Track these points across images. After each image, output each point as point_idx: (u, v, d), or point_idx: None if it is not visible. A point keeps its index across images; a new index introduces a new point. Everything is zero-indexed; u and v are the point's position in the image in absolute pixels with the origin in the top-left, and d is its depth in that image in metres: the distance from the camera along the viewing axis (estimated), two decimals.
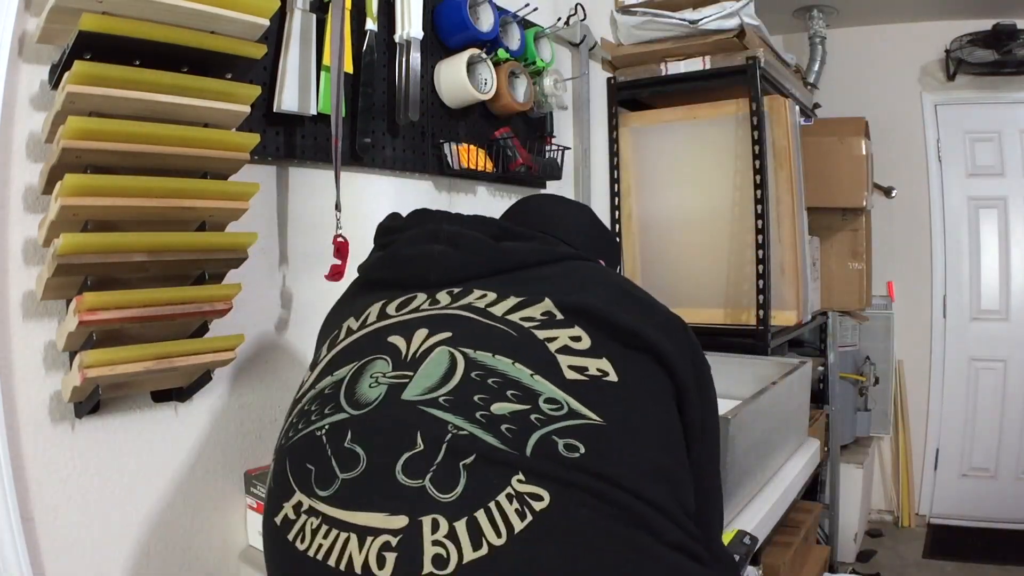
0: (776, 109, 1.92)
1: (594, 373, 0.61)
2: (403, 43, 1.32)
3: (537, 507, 0.53)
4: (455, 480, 0.54)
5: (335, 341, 0.72)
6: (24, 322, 0.89)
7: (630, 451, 0.58)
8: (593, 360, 0.62)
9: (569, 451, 0.56)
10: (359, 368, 0.65)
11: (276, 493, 0.63)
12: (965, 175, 3.11)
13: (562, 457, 0.55)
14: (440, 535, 0.52)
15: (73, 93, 0.79)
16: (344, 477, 0.57)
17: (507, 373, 0.60)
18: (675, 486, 0.61)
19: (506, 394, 0.58)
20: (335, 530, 0.56)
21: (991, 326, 3.10)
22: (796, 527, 1.88)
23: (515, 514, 0.53)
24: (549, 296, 0.66)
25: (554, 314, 0.65)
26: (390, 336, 0.66)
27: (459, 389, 0.59)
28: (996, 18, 2.77)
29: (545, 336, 0.63)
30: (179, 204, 0.89)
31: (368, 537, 0.54)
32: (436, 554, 0.51)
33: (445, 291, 0.70)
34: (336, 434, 0.60)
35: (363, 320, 0.71)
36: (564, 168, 1.80)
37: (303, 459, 0.61)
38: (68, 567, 0.92)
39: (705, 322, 2.01)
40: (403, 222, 0.83)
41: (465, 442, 0.56)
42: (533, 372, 0.60)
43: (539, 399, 0.58)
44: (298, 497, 0.59)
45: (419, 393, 0.59)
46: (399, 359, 0.63)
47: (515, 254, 0.73)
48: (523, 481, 0.54)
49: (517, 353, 0.61)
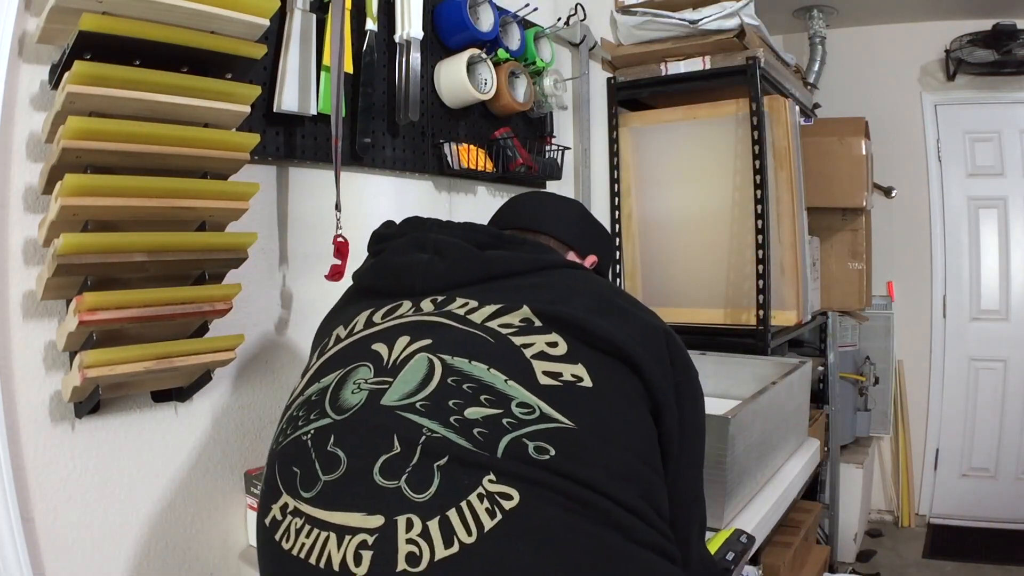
0: (776, 109, 1.92)
1: (568, 379, 0.62)
2: (403, 43, 1.32)
3: (507, 506, 0.54)
4: (429, 481, 0.56)
5: (325, 349, 0.74)
6: (24, 322, 0.89)
7: (601, 454, 0.60)
8: (568, 366, 0.63)
9: (539, 453, 0.57)
10: (344, 375, 0.67)
11: (266, 495, 0.65)
12: (965, 175, 3.11)
13: (532, 459, 0.57)
14: (414, 534, 0.53)
15: (73, 93, 0.79)
16: (326, 479, 0.59)
17: (481, 378, 0.62)
18: (647, 488, 0.62)
19: (480, 399, 0.60)
20: (316, 529, 0.57)
21: (991, 326, 3.10)
22: (796, 527, 1.88)
23: (485, 513, 0.54)
24: (528, 304, 0.68)
25: (532, 321, 0.67)
26: (374, 344, 0.68)
27: (435, 394, 0.61)
28: (996, 18, 2.77)
29: (522, 342, 0.65)
30: (179, 204, 0.89)
31: (346, 536, 0.55)
32: (409, 552, 0.53)
33: (429, 299, 0.72)
34: (320, 438, 0.62)
35: (351, 328, 0.73)
36: (564, 168, 1.80)
37: (290, 462, 0.63)
38: (68, 567, 0.92)
39: (705, 322, 2.00)
40: (395, 229, 0.84)
41: (439, 444, 0.57)
42: (507, 378, 0.62)
43: (512, 403, 0.60)
44: (285, 499, 0.62)
45: (397, 399, 0.61)
46: (381, 366, 0.65)
47: (499, 263, 0.74)
48: (493, 481, 0.55)
49: (493, 359, 0.63)
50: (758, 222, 1.88)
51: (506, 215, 0.99)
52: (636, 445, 0.63)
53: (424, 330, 0.67)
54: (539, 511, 0.55)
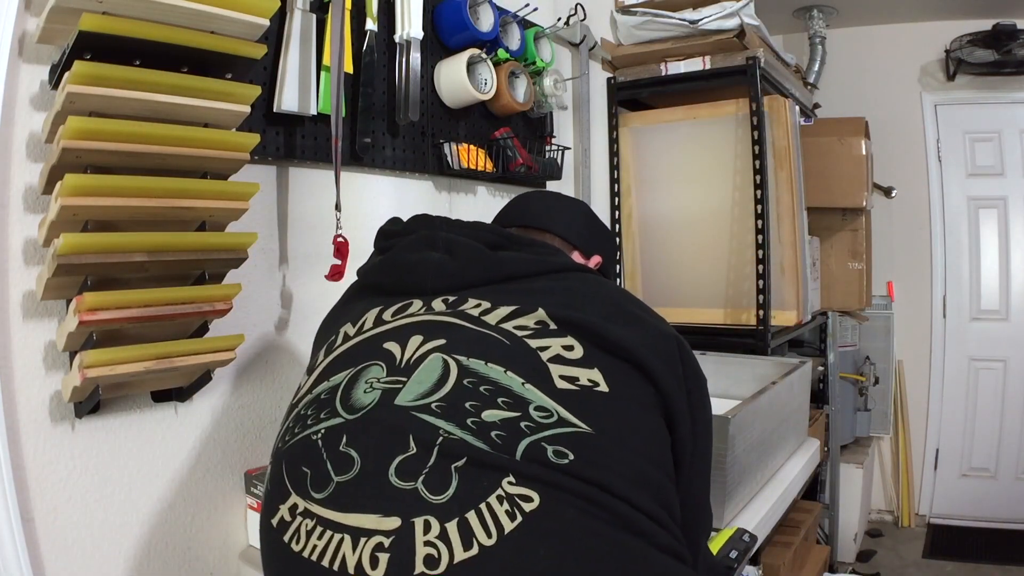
0: (776, 109, 1.92)
1: (585, 383, 0.62)
2: (403, 43, 1.32)
3: (527, 508, 0.54)
4: (447, 482, 0.55)
5: (332, 346, 0.73)
6: (24, 322, 0.89)
7: (618, 459, 0.59)
8: (585, 370, 0.63)
9: (558, 457, 0.56)
10: (355, 374, 0.66)
11: (272, 495, 0.64)
12: (965, 175, 3.11)
13: (551, 462, 0.56)
14: (432, 536, 0.53)
15: (73, 93, 0.79)
16: (339, 480, 0.58)
17: (499, 381, 0.61)
18: (662, 494, 0.62)
19: (497, 401, 0.59)
20: (329, 531, 0.56)
21: (991, 326, 3.10)
22: (796, 527, 1.88)
23: (505, 515, 0.53)
24: (543, 307, 0.67)
25: (547, 324, 0.66)
26: (385, 342, 0.67)
27: (451, 396, 0.60)
28: (996, 18, 2.77)
29: (538, 345, 0.64)
30: (179, 204, 0.89)
31: (361, 538, 0.54)
32: (428, 554, 0.52)
33: (440, 299, 0.71)
34: (331, 438, 0.61)
35: (360, 326, 0.72)
36: (564, 168, 1.80)
37: (299, 462, 0.62)
38: (68, 567, 0.92)
39: (705, 322, 2.00)
40: (403, 227, 0.83)
41: (456, 446, 0.56)
42: (524, 380, 0.61)
43: (529, 407, 0.59)
44: (294, 499, 0.60)
45: (412, 399, 0.60)
46: (393, 365, 0.64)
47: (510, 264, 0.74)
48: (513, 483, 0.55)
49: (509, 361, 0.62)
50: (758, 222, 1.88)
51: (512, 213, 0.98)
52: (652, 451, 0.63)
53: (438, 330, 0.66)
54: (559, 514, 0.54)
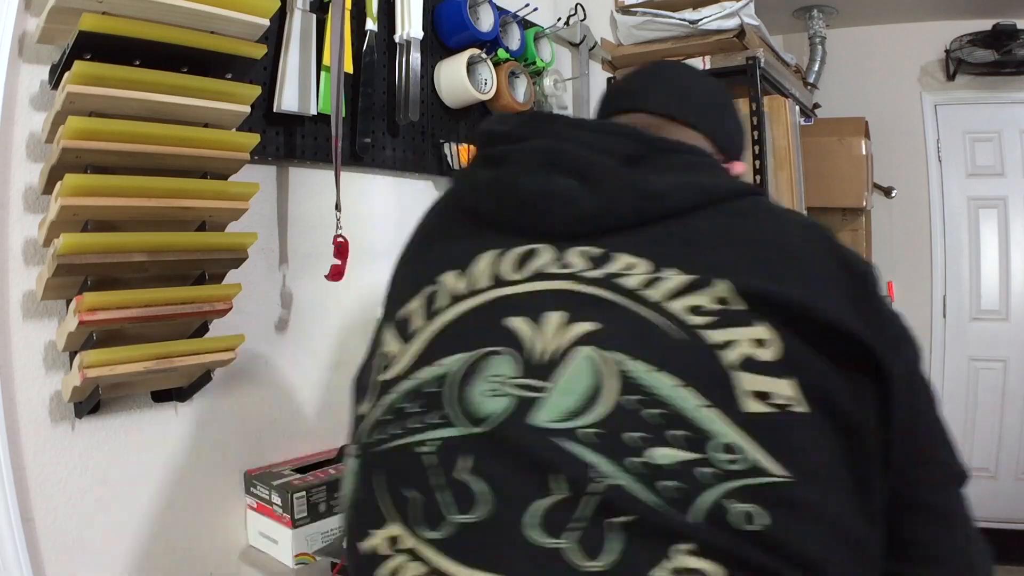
0: (776, 109, 1.92)
1: (780, 402, 0.46)
2: (403, 43, 1.32)
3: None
4: (600, 544, 0.43)
5: (433, 303, 0.56)
6: (24, 322, 0.89)
7: (820, 515, 0.45)
8: (780, 381, 0.46)
9: (748, 522, 0.43)
10: (472, 364, 0.51)
11: (363, 512, 0.52)
12: (965, 175, 3.11)
13: (737, 529, 0.43)
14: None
15: (73, 93, 0.79)
16: (459, 519, 0.46)
17: (670, 401, 0.45)
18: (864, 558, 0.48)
19: (666, 435, 0.44)
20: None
21: (991, 326, 3.10)
22: None
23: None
24: (729, 276, 0.49)
25: (730, 303, 0.48)
26: (511, 316, 0.51)
27: (610, 420, 0.45)
28: (996, 18, 2.77)
29: (718, 339, 0.47)
30: (179, 204, 0.89)
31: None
32: None
33: (578, 249, 0.54)
34: (447, 457, 0.48)
35: (470, 280, 0.55)
36: None
37: (400, 480, 0.50)
38: (68, 567, 0.92)
39: None
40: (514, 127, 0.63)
41: (617, 495, 0.43)
42: (705, 402, 0.45)
43: (708, 443, 0.44)
44: (394, 529, 0.49)
45: (554, 418, 0.46)
46: (526, 357, 0.49)
47: (664, 198, 0.55)
48: (686, 553, 0.42)
49: (683, 368, 0.46)
50: None
51: (636, 91, 0.75)
52: (859, 497, 0.48)
53: (583, 306, 0.50)
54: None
